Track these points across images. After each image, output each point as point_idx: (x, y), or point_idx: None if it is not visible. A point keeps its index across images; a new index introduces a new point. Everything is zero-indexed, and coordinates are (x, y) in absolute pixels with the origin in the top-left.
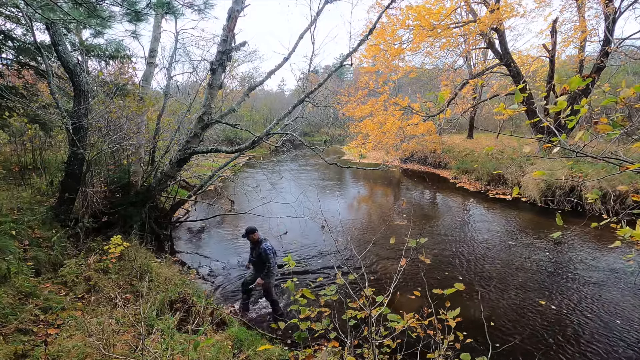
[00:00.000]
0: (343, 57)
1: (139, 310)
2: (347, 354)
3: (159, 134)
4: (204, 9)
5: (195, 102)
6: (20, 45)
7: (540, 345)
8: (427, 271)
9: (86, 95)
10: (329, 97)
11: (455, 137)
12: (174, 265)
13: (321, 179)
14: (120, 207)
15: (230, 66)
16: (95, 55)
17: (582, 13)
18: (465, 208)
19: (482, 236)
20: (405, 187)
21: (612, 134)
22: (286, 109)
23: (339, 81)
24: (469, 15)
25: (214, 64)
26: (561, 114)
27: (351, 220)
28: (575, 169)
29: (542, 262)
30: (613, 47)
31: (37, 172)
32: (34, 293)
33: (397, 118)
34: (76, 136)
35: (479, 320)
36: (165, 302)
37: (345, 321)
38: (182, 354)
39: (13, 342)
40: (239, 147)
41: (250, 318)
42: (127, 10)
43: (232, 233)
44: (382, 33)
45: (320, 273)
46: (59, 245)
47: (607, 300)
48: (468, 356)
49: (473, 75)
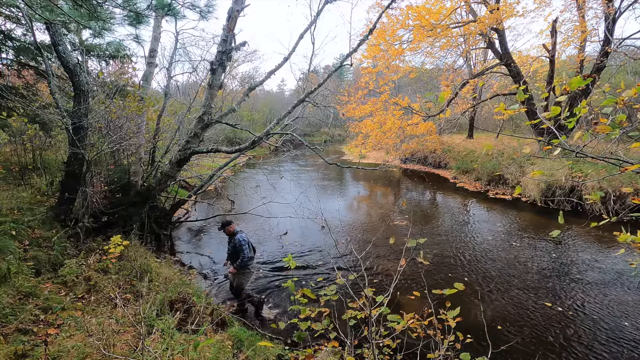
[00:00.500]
0: (343, 57)
1: (139, 310)
2: (347, 354)
3: (159, 134)
4: (206, 12)
5: (195, 102)
6: (20, 45)
7: (541, 345)
8: (427, 271)
9: (86, 95)
10: (329, 97)
11: (455, 137)
12: (174, 265)
13: (321, 179)
14: (120, 207)
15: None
16: (95, 55)
17: (582, 13)
18: (465, 208)
19: (482, 236)
20: (405, 187)
21: (612, 134)
22: (286, 109)
23: (339, 81)
24: (468, 15)
25: (214, 64)
26: (561, 115)
27: (351, 221)
28: (575, 169)
29: (542, 262)
30: (613, 47)
31: (37, 172)
32: (34, 293)
33: (397, 118)
34: (76, 136)
35: (479, 321)
36: (165, 302)
37: (345, 321)
38: (182, 354)
39: (13, 342)
40: (239, 147)
41: (250, 318)
42: (127, 13)
43: None
44: (382, 33)
45: (320, 273)
46: (59, 245)
47: (609, 300)
48: (468, 356)
49: (473, 75)
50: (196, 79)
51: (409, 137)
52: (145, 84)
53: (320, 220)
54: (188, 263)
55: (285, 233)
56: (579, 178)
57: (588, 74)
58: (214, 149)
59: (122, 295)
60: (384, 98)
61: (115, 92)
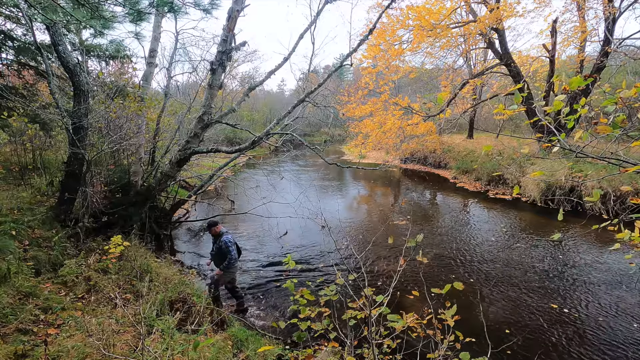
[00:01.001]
0: (343, 57)
1: (139, 310)
2: (347, 354)
3: (159, 134)
4: (210, 9)
5: (195, 102)
6: (20, 45)
7: (541, 345)
8: (427, 271)
9: (86, 95)
10: (329, 97)
11: (455, 137)
12: (174, 265)
13: (321, 179)
14: (120, 207)
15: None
16: (95, 55)
17: (582, 13)
18: (465, 208)
19: (482, 236)
20: (405, 187)
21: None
22: (286, 109)
23: (339, 81)
24: (468, 15)
25: (214, 64)
26: (561, 114)
27: (351, 220)
28: (575, 169)
29: (542, 262)
30: (613, 47)
31: (37, 172)
32: (34, 293)
33: (397, 118)
34: (76, 136)
35: (479, 320)
36: (165, 302)
37: (345, 321)
38: (182, 354)
39: (13, 342)
40: (239, 147)
41: (250, 318)
42: (129, 10)
43: (232, 233)
44: (382, 33)
45: (320, 273)
46: (59, 245)
47: (609, 300)
48: (467, 355)
49: (473, 75)
50: (196, 79)
51: (409, 137)
52: (145, 84)
53: (320, 220)
54: (188, 263)
55: (286, 233)
56: (578, 178)
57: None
58: (214, 149)
59: (122, 295)
60: (384, 98)
61: (115, 92)
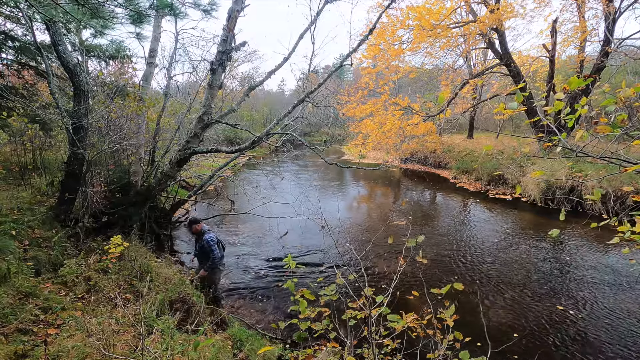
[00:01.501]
0: (343, 57)
1: (139, 310)
2: (347, 354)
3: (159, 134)
4: (209, 9)
5: (195, 102)
6: (20, 45)
7: (541, 345)
8: (427, 271)
9: (86, 95)
10: (329, 97)
11: (455, 137)
12: (174, 265)
13: (321, 179)
14: (120, 207)
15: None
16: (95, 55)
17: (582, 13)
18: (465, 208)
19: (482, 236)
20: (405, 187)
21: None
22: (286, 109)
23: (339, 81)
24: (468, 15)
25: (214, 64)
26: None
27: (351, 221)
28: (575, 169)
29: (542, 261)
30: (613, 47)
31: (37, 172)
32: (34, 293)
33: (397, 118)
34: (76, 136)
35: (479, 320)
36: (165, 302)
37: (345, 321)
38: (182, 354)
39: (13, 342)
40: (239, 147)
41: (250, 318)
42: (129, 12)
43: (232, 233)
44: (382, 33)
45: (320, 273)
46: (59, 245)
47: (610, 299)
48: (467, 354)
49: (473, 75)
50: (196, 79)
51: (409, 137)
52: (145, 84)
53: (320, 220)
54: (188, 263)
55: (286, 233)
56: (579, 178)
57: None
58: (214, 149)
59: (122, 295)
60: (384, 98)
61: (115, 92)
